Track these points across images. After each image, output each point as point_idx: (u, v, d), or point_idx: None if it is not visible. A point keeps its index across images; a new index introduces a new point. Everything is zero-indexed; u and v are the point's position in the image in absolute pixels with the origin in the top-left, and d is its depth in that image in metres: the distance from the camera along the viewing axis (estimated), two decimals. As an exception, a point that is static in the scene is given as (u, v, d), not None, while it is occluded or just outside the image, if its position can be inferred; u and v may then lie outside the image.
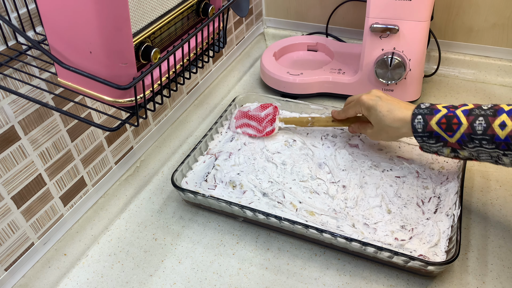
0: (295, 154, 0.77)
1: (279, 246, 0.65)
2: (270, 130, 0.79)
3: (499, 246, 0.63)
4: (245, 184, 0.71)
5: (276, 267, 0.63)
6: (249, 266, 0.63)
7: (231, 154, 0.77)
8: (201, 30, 0.52)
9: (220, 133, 0.83)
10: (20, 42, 0.53)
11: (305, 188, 0.70)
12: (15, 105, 0.54)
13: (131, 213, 0.73)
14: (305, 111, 0.85)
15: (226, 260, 0.64)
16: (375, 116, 0.66)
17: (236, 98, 0.88)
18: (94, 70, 0.42)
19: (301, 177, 0.72)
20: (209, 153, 0.78)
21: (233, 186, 0.71)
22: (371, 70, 0.87)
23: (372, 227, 0.64)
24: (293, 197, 0.69)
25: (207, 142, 0.80)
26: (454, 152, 0.61)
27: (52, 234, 0.64)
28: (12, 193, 0.56)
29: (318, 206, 0.67)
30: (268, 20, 1.17)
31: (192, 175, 0.74)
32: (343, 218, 0.65)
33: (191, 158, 0.75)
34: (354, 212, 0.66)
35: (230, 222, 0.69)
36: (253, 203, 0.68)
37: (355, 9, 1.04)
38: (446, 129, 0.59)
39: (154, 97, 0.48)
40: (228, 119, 0.86)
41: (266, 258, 0.64)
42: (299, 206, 0.67)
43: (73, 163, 0.65)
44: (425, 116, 0.61)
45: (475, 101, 0.92)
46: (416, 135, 0.62)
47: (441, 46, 0.98)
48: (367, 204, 0.67)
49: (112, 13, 0.39)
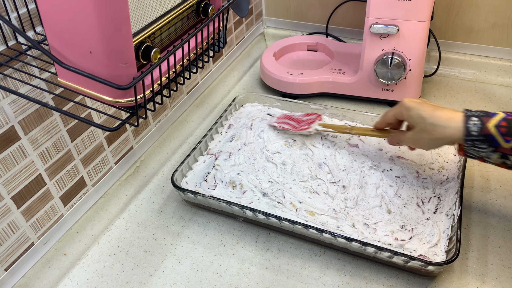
0: (295, 154, 0.77)
1: (279, 246, 0.65)
2: (305, 127, 0.78)
3: (499, 246, 0.63)
4: (245, 184, 0.71)
5: (276, 267, 0.63)
6: (249, 266, 0.63)
7: (231, 154, 0.77)
8: (201, 30, 0.52)
9: (220, 133, 0.83)
10: (20, 42, 0.53)
11: (305, 188, 0.70)
12: (15, 105, 0.54)
13: (131, 213, 0.73)
14: (305, 111, 0.85)
15: (226, 260, 0.64)
16: (417, 115, 0.60)
17: (236, 98, 0.88)
18: (94, 70, 0.42)
19: (301, 177, 0.72)
20: (209, 153, 0.78)
21: (233, 186, 0.71)
22: (371, 70, 0.87)
23: (372, 227, 0.64)
24: (293, 197, 0.69)
25: (207, 142, 0.80)
26: (503, 159, 0.56)
27: (52, 234, 0.64)
28: (12, 193, 0.56)
29: (318, 206, 0.67)
30: (268, 20, 1.17)
31: (192, 175, 0.74)
32: (343, 218, 0.65)
33: (191, 158, 0.75)
34: (354, 212, 0.66)
35: (230, 222, 0.69)
36: (253, 203, 0.68)
37: (355, 9, 1.04)
38: (506, 133, 0.54)
39: (154, 97, 0.48)
40: (228, 119, 0.85)
41: (266, 258, 0.64)
42: (299, 206, 0.67)
43: (73, 163, 0.65)
44: (481, 118, 0.56)
45: (475, 101, 0.92)
46: (468, 138, 0.56)
47: (441, 46, 0.98)
48: (367, 204, 0.67)
49: (112, 13, 0.39)
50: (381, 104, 0.92)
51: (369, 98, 0.91)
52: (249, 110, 0.88)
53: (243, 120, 0.85)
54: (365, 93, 0.91)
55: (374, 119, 0.79)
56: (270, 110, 0.87)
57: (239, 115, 0.86)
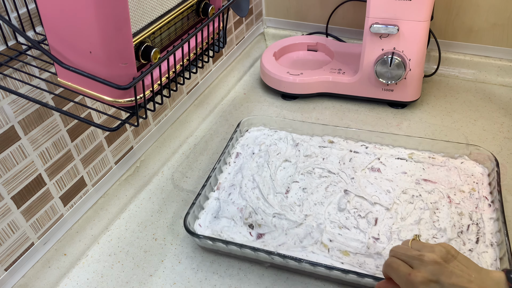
0: (314, 182, 0.71)
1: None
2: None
3: None
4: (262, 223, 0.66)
5: (276, 267, 0.63)
6: (249, 266, 0.63)
7: (242, 188, 0.72)
8: (201, 30, 0.52)
9: (228, 164, 0.77)
10: (20, 42, 0.53)
11: (333, 223, 0.65)
12: (15, 105, 0.54)
13: (131, 213, 0.73)
14: (315, 132, 0.81)
15: (226, 260, 0.64)
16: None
17: (240, 123, 0.83)
18: (94, 70, 0.42)
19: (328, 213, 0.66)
20: (220, 188, 0.72)
21: (250, 226, 0.66)
22: (371, 70, 0.87)
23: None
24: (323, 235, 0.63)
25: (217, 175, 0.73)
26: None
27: (52, 234, 0.64)
28: (12, 193, 0.56)
29: (351, 244, 0.62)
30: (268, 20, 1.17)
31: (204, 216, 0.68)
32: (378, 256, 0.60)
33: (202, 196, 0.69)
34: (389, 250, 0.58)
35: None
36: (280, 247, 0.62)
37: (355, 9, 1.04)
38: None
39: (154, 97, 0.48)
40: (235, 146, 0.80)
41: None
42: (330, 246, 0.61)
43: (73, 163, 0.65)
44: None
45: (475, 101, 0.92)
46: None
47: (441, 46, 0.98)
48: (403, 238, 0.62)
49: (112, 13, 0.39)
50: (381, 104, 0.92)
51: (369, 98, 0.91)
52: (255, 135, 0.82)
53: (251, 147, 0.79)
54: (365, 93, 0.91)
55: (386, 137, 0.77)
56: (277, 134, 0.82)
57: (245, 142, 0.81)
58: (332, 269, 0.56)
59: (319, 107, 0.93)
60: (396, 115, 0.89)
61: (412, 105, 0.91)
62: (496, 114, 0.88)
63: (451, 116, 0.88)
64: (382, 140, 0.77)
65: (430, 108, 0.90)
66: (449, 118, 0.88)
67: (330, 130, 0.80)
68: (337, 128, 0.79)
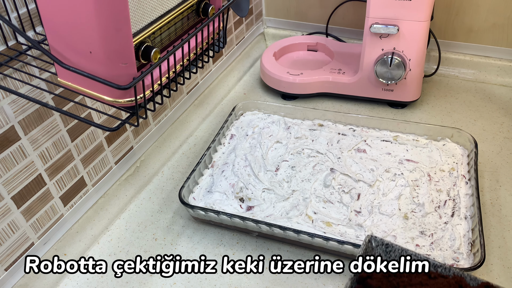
0: (303, 161, 0.75)
1: (279, 246, 0.65)
2: None
3: (499, 246, 0.63)
4: (252, 197, 0.69)
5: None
6: (249, 265, 0.63)
7: (234, 165, 0.75)
8: (201, 30, 0.52)
9: (223, 144, 0.81)
10: (20, 42, 0.53)
11: (318, 198, 0.69)
12: (15, 105, 0.54)
13: (131, 213, 0.73)
14: (306, 116, 0.84)
15: (226, 260, 0.64)
16: None
17: (236, 107, 0.86)
18: (94, 70, 0.42)
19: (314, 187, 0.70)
20: (214, 166, 0.76)
21: (241, 199, 0.70)
22: (371, 70, 0.87)
23: (392, 234, 0.62)
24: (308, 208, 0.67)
25: (211, 154, 0.77)
26: None
27: (52, 234, 0.64)
28: (12, 193, 0.56)
29: (334, 216, 0.66)
30: (268, 20, 1.17)
31: (199, 190, 0.72)
32: (359, 227, 0.64)
33: (197, 172, 0.73)
34: (370, 221, 0.64)
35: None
36: (268, 217, 0.66)
37: (355, 9, 1.04)
38: None
39: (154, 97, 0.48)
40: (230, 128, 0.84)
41: (266, 258, 0.64)
42: (314, 218, 0.66)
43: (73, 163, 0.65)
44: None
45: (475, 101, 0.92)
46: None
47: (441, 46, 0.98)
48: (383, 211, 0.66)
49: (112, 13, 0.39)
50: (381, 104, 0.92)
51: (369, 98, 0.91)
52: (249, 118, 0.86)
53: (245, 130, 0.83)
54: (365, 93, 0.91)
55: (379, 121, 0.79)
56: (270, 118, 0.86)
57: (240, 124, 0.85)
58: (314, 237, 0.60)
59: (319, 107, 0.93)
60: (396, 115, 0.89)
61: (412, 105, 0.91)
62: (496, 114, 0.88)
63: (451, 116, 0.88)
64: (369, 123, 0.81)
65: (430, 108, 0.90)
66: (449, 118, 0.88)
67: (320, 114, 0.84)
68: (327, 112, 0.83)
